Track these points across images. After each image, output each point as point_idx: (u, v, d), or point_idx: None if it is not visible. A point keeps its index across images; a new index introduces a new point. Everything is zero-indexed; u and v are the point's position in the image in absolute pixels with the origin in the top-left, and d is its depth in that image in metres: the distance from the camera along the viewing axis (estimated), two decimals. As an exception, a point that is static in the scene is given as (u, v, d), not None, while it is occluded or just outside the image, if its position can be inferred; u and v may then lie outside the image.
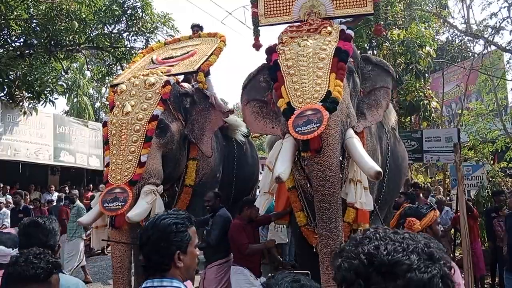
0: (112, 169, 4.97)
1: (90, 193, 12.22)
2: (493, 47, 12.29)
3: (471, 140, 12.47)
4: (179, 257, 2.04)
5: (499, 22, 10.75)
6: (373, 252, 1.05)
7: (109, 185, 4.88)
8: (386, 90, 4.93)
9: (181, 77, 6.55)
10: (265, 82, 4.94)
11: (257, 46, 5.48)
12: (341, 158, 4.23)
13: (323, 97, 4.02)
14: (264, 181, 5.00)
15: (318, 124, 3.81)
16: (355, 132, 4.33)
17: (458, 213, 6.19)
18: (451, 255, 7.31)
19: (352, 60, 4.64)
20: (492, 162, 11.46)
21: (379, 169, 3.86)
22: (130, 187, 4.83)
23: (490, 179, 10.21)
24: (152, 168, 5.07)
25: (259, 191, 5.58)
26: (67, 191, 10.98)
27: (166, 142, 5.35)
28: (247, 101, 4.98)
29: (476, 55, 13.75)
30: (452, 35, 15.69)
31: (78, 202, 8.91)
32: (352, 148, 4.07)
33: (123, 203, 4.71)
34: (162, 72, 5.82)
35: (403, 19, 12.14)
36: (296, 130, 3.87)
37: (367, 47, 12.51)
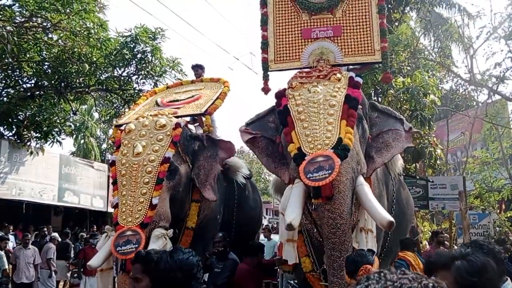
0: (122, 211, 4.88)
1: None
2: (497, 96, 12.39)
3: (477, 189, 12.40)
4: None
5: (503, 72, 10.84)
6: None
7: (120, 228, 4.76)
8: (396, 131, 4.86)
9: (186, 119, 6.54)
10: (273, 124, 4.98)
11: (266, 90, 5.54)
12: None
13: (334, 143, 4.04)
14: (282, 229, 4.87)
15: (329, 171, 3.81)
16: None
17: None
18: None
19: (360, 106, 4.67)
20: (498, 211, 11.37)
21: (391, 219, 3.85)
22: (142, 230, 4.72)
23: (497, 228, 10.11)
24: (162, 211, 4.99)
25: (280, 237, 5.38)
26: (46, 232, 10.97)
27: (174, 184, 5.29)
28: (254, 136, 4.96)
29: (480, 104, 13.85)
30: (456, 84, 15.82)
31: None
32: (363, 196, 4.06)
33: (136, 245, 4.56)
34: (169, 113, 5.81)
35: (407, 67, 12.30)
36: (308, 176, 3.87)
37: (372, 94, 12.62)
